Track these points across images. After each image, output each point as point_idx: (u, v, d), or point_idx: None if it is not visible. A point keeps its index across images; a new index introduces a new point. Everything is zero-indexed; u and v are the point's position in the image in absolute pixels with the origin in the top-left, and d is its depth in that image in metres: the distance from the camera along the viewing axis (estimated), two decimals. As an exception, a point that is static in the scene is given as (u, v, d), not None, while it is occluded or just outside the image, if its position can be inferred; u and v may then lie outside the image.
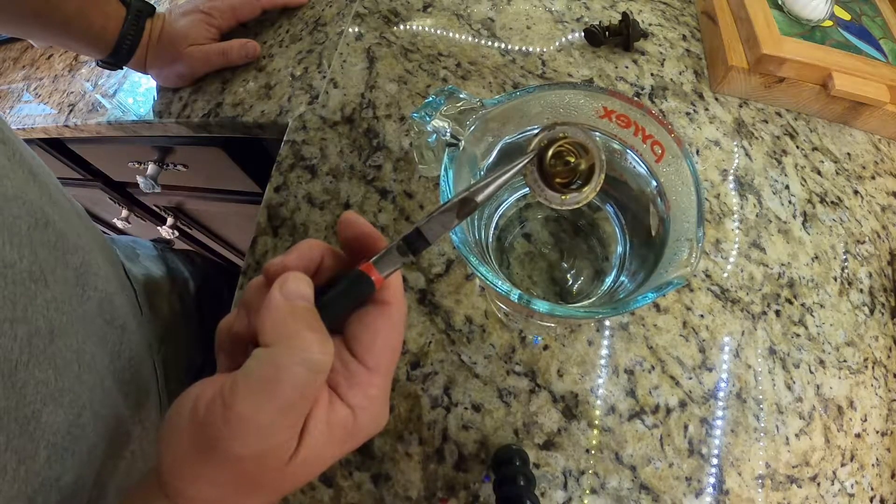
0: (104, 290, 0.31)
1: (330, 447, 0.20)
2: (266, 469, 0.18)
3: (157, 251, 0.48)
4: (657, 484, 0.34)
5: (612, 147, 0.30)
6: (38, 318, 0.23)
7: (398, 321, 0.21)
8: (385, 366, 0.21)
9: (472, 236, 0.29)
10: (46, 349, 0.24)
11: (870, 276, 0.42)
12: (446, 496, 0.33)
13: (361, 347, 0.20)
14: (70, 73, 0.65)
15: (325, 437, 0.19)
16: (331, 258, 0.22)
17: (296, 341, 0.18)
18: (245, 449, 0.17)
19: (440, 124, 0.28)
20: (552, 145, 0.25)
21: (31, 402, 0.22)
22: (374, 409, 0.20)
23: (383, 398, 0.21)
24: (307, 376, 0.18)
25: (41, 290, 0.24)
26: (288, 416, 0.18)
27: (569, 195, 0.26)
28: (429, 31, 0.50)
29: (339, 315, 0.21)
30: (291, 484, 0.20)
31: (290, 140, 0.45)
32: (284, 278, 0.19)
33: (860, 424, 0.37)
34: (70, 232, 0.28)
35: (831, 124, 0.48)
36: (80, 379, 0.26)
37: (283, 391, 0.17)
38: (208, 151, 0.62)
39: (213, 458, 0.18)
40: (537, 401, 0.35)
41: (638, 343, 0.37)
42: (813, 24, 0.46)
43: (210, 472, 0.18)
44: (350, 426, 0.20)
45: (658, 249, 0.28)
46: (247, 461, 0.18)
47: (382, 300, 0.21)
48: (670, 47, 0.50)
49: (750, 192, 0.43)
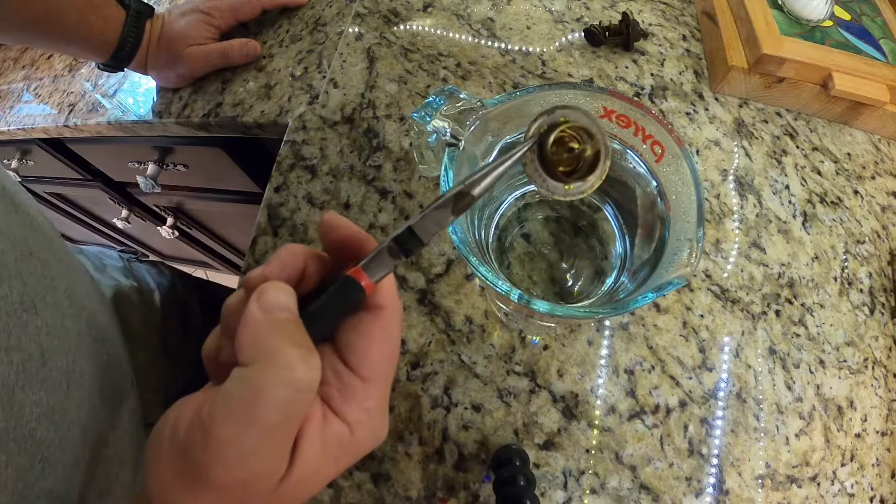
0: (89, 309, 0.31)
1: (326, 466, 0.18)
2: (254, 494, 0.17)
3: (124, 262, 0.48)
4: (657, 484, 0.34)
5: (613, 147, 0.30)
6: (30, 345, 0.24)
7: (394, 326, 0.20)
8: (382, 376, 0.19)
9: (472, 236, 0.29)
10: (39, 372, 0.24)
11: (870, 276, 0.42)
12: (446, 496, 0.33)
13: (356, 357, 0.19)
14: (70, 73, 0.65)
15: (320, 456, 0.18)
16: (315, 264, 0.21)
17: (277, 358, 0.16)
18: (228, 476, 0.16)
19: (440, 124, 0.28)
20: (553, 131, 0.23)
21: (27, 422, 0.23)
22: (372, 423, 0.19)
23: (382, 410, 0.20)
24: (291, 396, 0.16)
25: (32, 318, 0.24)
26: (272, 439, 0.16)
27: (573, 184, 0.23)
28: (429, 31, 0.50)
29: (327, 325, 0.19)
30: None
31: (290, 140, 0.45)
32: (262, 289, 0.18)
33: (860, 424, 0.37)
34: (52, 258, 0.28)
35: (831, 124, 0.48)
36: (69, 396, 0.26)
37: (265, 414, 0.16)
38: (208, 151, 0.63)
39: (196, 487, 0.17)
40: (537, 401, 0.35)
41: (638, 343, 0.37)
42: (813, 24, 0.46)
43: (196, 501, 0.17)
44: (347, 442, 0.18)
45: (658, 249, 0.28)
46: (232, 488, 0.17)
47: (376, 304, 0.19)
48: (670, 47, 0.50)
49: (750, 192, 0.43)
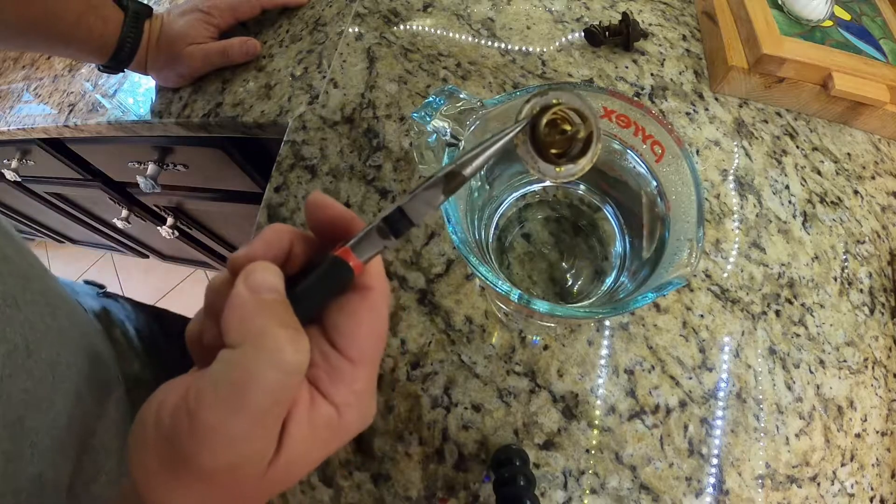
0: (65, 308, 0.32)
1: (315, 449, 0.18)
2: (243, 479, 0.17)
3: (93, 290, 0.48)
4: (657, 484, 0.34)
5: (613, 147, 0.30)
6: (15, 336, 0.25)
7: (382, 307, 0.19)
8: (370, 357, 0.19)
9: (472, 236, 0.29)
10: (24, 363, 0.25)
11: (870, 276, 0.42)
12: (446, 496, 0.33)
13: (343, 339, 0.18)
14: (70, 73, 0.65)
15: (309, 439, 0.18)
16: (301, 244, 0.20)
17: (265, 340, 0.16)
18: (215, 462, 0.16)
19: (440, 124, 0.28)
20: (545, 112, 0.23)
21: (16, 410, 0.24)
22: (360, 405, 0.19)
23: (370, 392, 0.19)
24: (280, 379, 0.16)
25: (15, 313, 0.26)
26: (261, 424, 0.16)
27: (563, 167, 0.24)
28: (429, 31, 0.50)
29: (315, 307, 0.19)
30: (276, 488, 0.19)
31: (290, 140, 0.45)
32: (249, 270, 0.18)
33: (860, 424, 0.37)
34: (22, 261, 0.29)
35: (831, 124, 0.48)
36: (56, 386, 0.28)
37: (253, 398, 0.16)
38: (208, 151, 0.63)
39: (183, 474, 0.16)
40: (537, 401, 0.35)
41: (638, 343, 0.37)
42: (813, 24, 0.46)
43: (183, 488, 0.17)
44: (335, 425, 0.18)
45: (658, 249, 0.28)
46: (220, 474, 0.16)
47: (363, 285, 0.19)
48: (670, 47, 0.50)
49: (750, 192, 0.43)
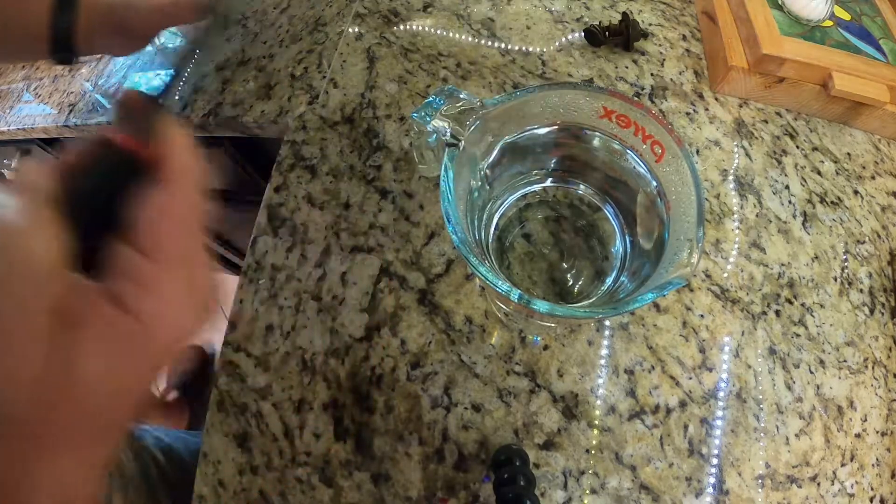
0: None
1: (122, 366, 0.16)
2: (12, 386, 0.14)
3: None
4: (657, 484, 0.34)
5: (613, 147, 0.30)
6: None
7: (186, 194, 0.17)
8: (178, 255, 0.16)
9: (472, 236, 0.29)
10: None
11: (870, 276, 0.42)
12: (446, 496, 0.33)
13: (144, 237, 0.16)
14: (70, 73, 0.65)
15: (110, 354, 0.15)
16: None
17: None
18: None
19: (440, 124, 0.28)
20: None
21: None
22: (176, 314, 0.16)
23: (183, 295, 0.17)
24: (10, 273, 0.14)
25: None
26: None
27: None
28: (429, 31, 0.50)
29: (96, 200, 0.16)
30: (88, 413, 0.16)
31: (290, 140, 0.45)
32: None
33: (860, 424, 0.37)
34: None
35: (831, 124, 0.48)
36: None
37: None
38: (208, 151, 0.63)
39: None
40: (537, 401, 0.35)
41: (638, 343, 0.37)
42: (813, 24, 0.46)
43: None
44: (142, 342, 0.16)
45: (658, 249, 0.28)
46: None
47: (163, 173, 0.17)
48: (670, 47, 0.50)
49: (750, 192, 0.43)
